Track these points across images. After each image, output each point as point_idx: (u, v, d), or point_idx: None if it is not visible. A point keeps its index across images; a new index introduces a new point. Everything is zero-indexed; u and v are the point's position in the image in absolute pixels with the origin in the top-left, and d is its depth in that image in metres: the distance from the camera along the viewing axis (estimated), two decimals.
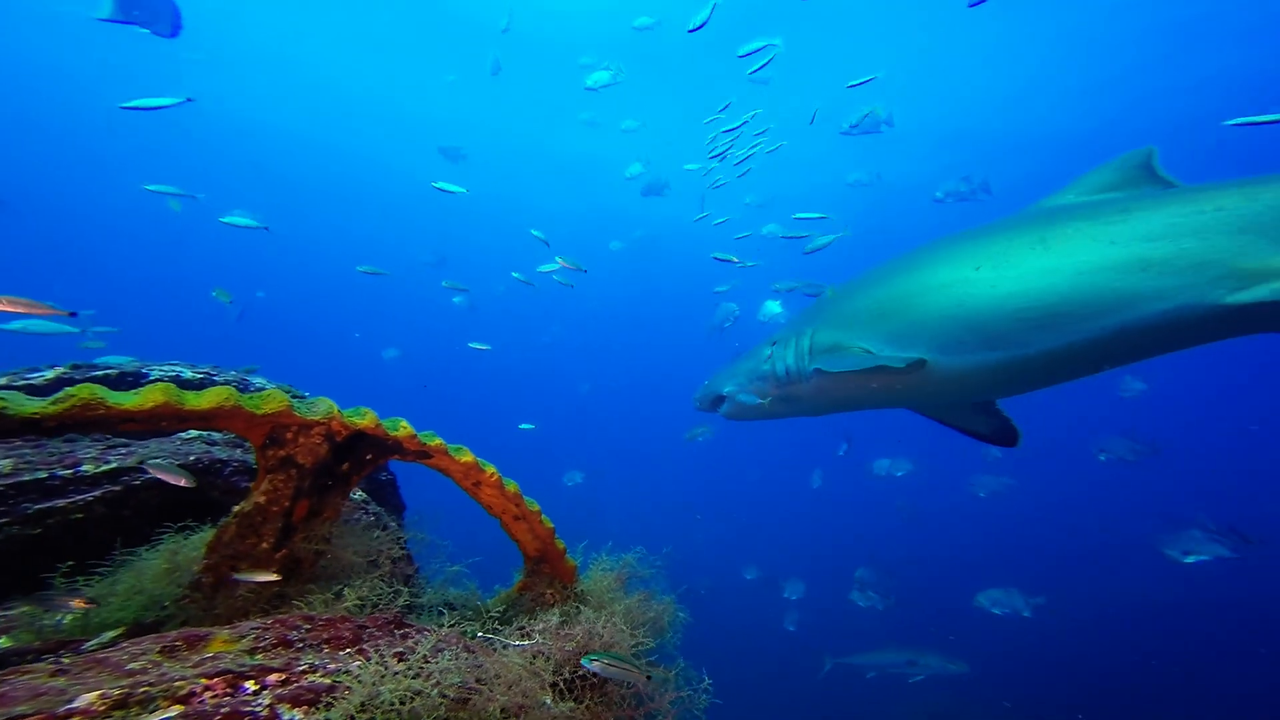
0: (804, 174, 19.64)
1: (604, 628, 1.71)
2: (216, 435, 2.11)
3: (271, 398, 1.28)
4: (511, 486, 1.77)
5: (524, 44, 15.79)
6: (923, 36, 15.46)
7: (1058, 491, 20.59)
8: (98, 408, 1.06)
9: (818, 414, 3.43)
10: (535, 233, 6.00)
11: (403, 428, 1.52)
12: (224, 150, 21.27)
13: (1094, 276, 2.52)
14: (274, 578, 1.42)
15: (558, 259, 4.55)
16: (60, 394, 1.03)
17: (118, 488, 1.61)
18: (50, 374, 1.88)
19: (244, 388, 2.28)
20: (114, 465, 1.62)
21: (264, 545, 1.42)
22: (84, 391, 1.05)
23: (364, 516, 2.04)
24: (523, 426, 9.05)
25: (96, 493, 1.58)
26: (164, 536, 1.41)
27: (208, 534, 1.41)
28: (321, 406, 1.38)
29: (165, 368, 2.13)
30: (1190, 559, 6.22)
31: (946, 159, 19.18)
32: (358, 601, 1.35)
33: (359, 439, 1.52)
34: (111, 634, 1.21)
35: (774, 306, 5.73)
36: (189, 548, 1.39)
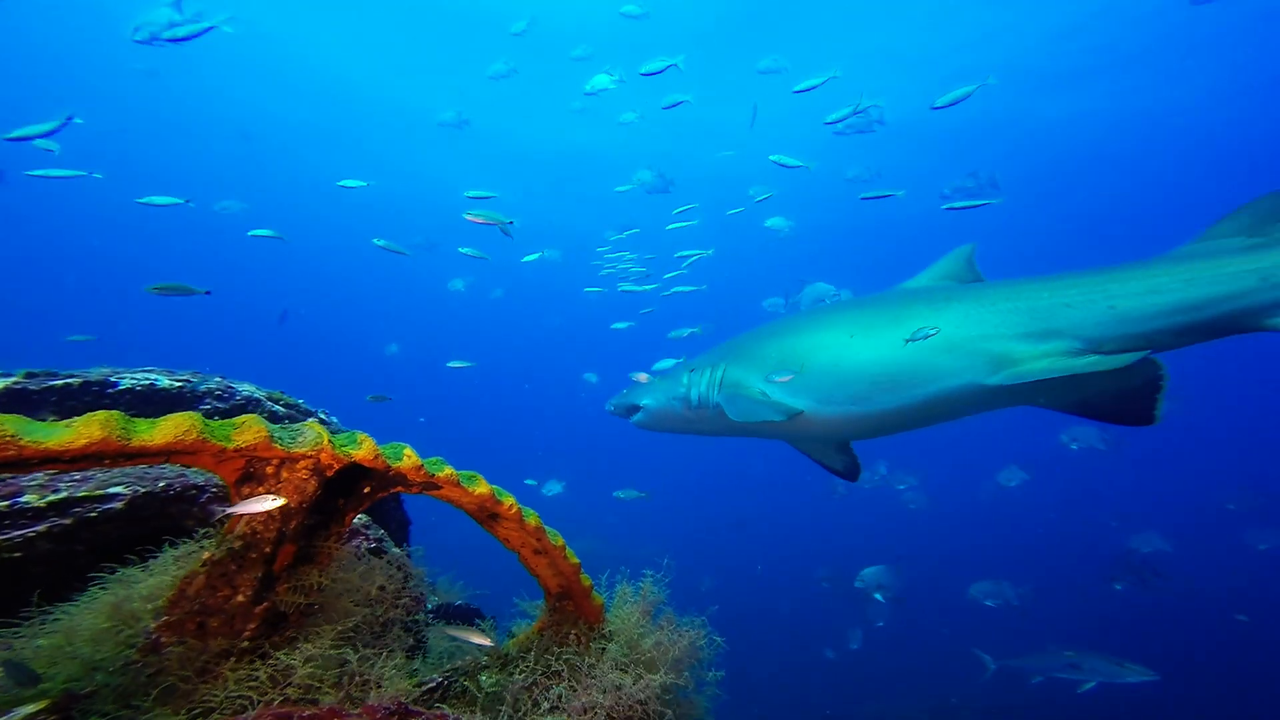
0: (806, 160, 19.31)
1: (633, 684, 1.49)
2: None
3: (246, 428, 1.03)
4: (532, 519, 1.53)
5: (518, 32, 15.35)
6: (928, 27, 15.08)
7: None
8: (6, 448, 0.81)
9: (717, 436, 3.94)
10: (471, 192, 5.68)
11: (407, 457, 1.27)
12: (219, 148, 20.78)
13: (921, 353, 3.19)
14: (487, 641, 1.30)
15: (466, 214, 4.24)
16: None
17: (68, 521, 1.37)
18: None
19: (228, 396, 2.02)
20: (64, 495, 1.37)
21: (240, 599, 1.18)
22: None
23: (363, 543, 1.80)
24: (528, 482, 8.82)
25: (40, 527, 1.33)
26: (98, 582, 1.16)
27: (157, 579, 1.17)
28: (308, 435, 1.13)
29: (138, 375, 1.87)
30: (1119, 586, 8.08)
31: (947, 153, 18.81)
32: (312, 670, 1.11)
33: (354, 471, 1.28)
34: (29, 709, 0.97)
35: (823, 287, 5.77)
36: (137, 597, 1.15)
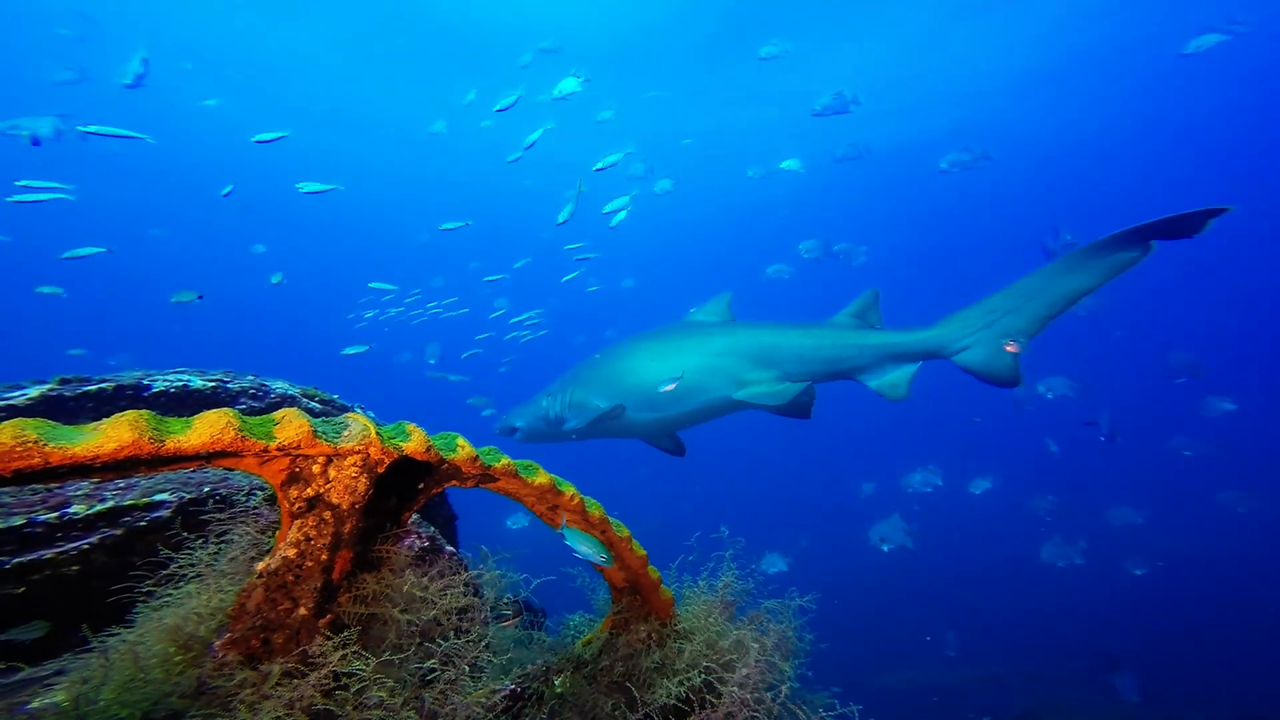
0: (796, 151, 18.89)
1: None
2: None
3: (286, 423, 0.91)
4: (595, 510, 1.40)
5: (485, 28, 15.15)
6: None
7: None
8: (30, 455, 0.70)
9: (581, 440, 5.00)
10: (311, 186, 5.76)
11: (461, 448, 1.15)
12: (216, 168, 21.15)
13: (695, 374, 4.47)
14: None
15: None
16: None
17: (118, 531, 1.30)
18: (35, 392, 1.58)
19: (263, 395, 1.95)
20: (110, 504, 1.31)
21: (301, 611, 1.09)
22: (5, 434, 0.69)
23: (416, 543, 1.71)
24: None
25: (93, 539, 1.27)
26: (148, 601, 1.08)
27: (213, 596, 1.08)
28: (354, 428, 1.01)
29: (170, 377, 1.81)
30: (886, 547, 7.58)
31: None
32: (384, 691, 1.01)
33: (405, 466, 1.16)
34: None
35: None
36: (194, 616, 1.07)
